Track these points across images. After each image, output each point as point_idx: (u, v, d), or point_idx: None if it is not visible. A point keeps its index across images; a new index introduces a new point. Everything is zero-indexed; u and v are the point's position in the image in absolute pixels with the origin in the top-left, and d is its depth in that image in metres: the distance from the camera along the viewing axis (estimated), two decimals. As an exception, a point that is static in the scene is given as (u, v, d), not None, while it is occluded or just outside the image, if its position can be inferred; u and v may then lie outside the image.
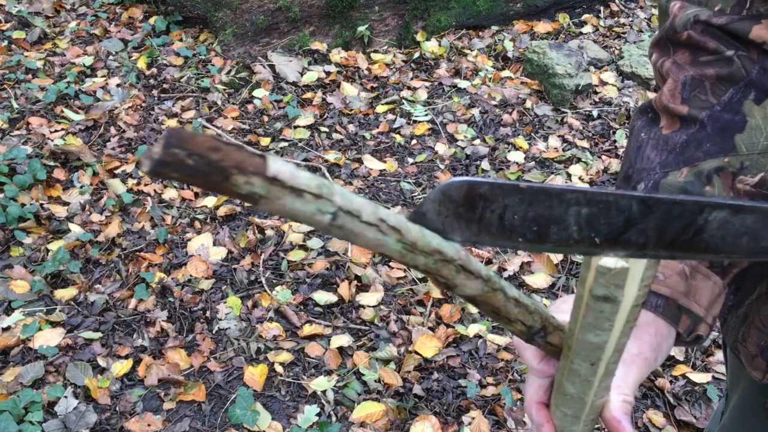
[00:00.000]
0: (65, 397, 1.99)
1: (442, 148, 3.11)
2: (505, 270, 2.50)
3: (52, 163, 2.83)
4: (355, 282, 2.42)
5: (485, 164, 3.02)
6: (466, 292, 0.55)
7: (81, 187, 2.76)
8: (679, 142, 0.71)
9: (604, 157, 3.10)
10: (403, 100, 3.41)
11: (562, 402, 0.65)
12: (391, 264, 2.52)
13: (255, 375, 2.10)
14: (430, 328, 2.27)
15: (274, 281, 2.44)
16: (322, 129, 3.19)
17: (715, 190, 0.68)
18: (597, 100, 3.46)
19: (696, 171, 0.69)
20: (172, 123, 3.14)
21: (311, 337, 2.24)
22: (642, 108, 0.77)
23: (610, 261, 0.52)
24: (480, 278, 0.55)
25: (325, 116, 3.29)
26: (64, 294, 2.33)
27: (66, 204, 2.68)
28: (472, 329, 2.26)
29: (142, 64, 3.50)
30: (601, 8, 4.16)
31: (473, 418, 2.00)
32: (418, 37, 3.82)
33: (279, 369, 2.14)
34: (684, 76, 0.73)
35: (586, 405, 0.65)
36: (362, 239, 0.47)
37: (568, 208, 0.51)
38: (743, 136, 0.69)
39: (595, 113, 3.36)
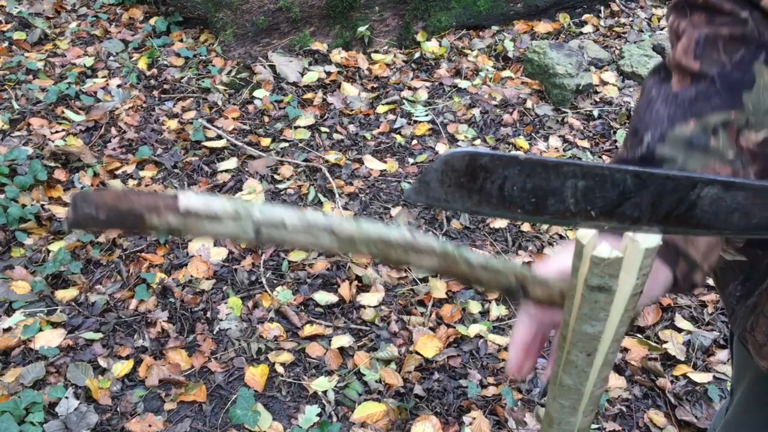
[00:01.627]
0: (66, 397, 1.99)
1: (442, 148, 3.11)
2: (505, 270, 2.50)
3: (52, 164, 2.83)
4: (356, 282, 2.42)
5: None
6: (424, 266, 0.56)
7: (82, 187, 2.76)
8: (688, 96, 0.71)
9: (605, 156, 3.09)
10: (404, 101, 3.41)
11: (559, 393, 0.65)
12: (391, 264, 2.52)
13: (256, 375, 2.10)
14: (430, 328, 2.27)
15: (275, 282, 2.44)
16: (323, 129, 3.19)
17: (720, 143, 0.69)
18: (597, 100, 3.46)
19: (702, 124, 0.69)
20: (173, 123, 3.14)
21: (312, 338, 2.24)
22: (655, 68, 0.78)
23: (604, 250, 0.53)
24: (434, 254, 0.57)
25: (325, 116, 3.29)
26: (64, 295, 2.33)
27: (67, 205, 2.68)
28: (473, 329, 2.26)
29: (142, 64, 3.50)
30: (602, 8, 4.16)
31: (474, 419, 2.00)
32: (419, 38, 3.82)
33: (280, 369, 2.14)
34: (698, 35, 0.74)
35: (583, 396, 0.65)
36: (296, 244, 0.51)
37: (565, 180, 0.52)
38: (751, 95, 0.70)
39: (595, 113, 3.36)
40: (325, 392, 2.07)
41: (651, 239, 0.53)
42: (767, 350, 0.88)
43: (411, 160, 3.05)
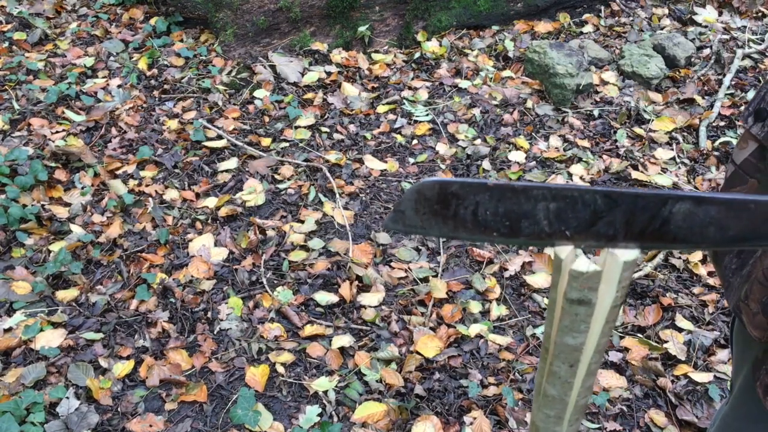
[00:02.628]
0: (67, 397, 1.99)
1: (443, 148, 3.11)
2: (506, 270, 2.50)
3: (53, 164, 2.83)
4: (357, 282, 2.42)
5: (486, 164, 3.01)
6: None
7: (82, 188, 2.77)
8: None
9: (605, 156, 3.09)
10: (404, 100, 3.41)
11: (544, 404, 0.65)
12: (392, 264, 2.52)
13: (256, 375, 2.10)
14: (431, 328, 2.27)
15: (276, 282, 2.44)
16: (323, 129, 3.19)
17: None
18: (598, 99, 3.46)
19: None
20: (173, 123, 3.14)
21: (312, 338, 2.24)
22: None
23: (582, 264, 0.53)
24: None
25: (325, 116, 3.29)
26: (65, 295, 2.33)
27: (67, 205, 2.69)
28: (474, 329, 2.26)
29: (143, 64, 3.50)
30: (602, 8, 4.16)
31: (475, 418, 2.00)
32: (419, 37, 3.82)
33: (280, 369, 2.14)
34: None
35: (567, 405, 0.65)
36: None
37: (536, 203, 0.54)
38: None
39: (596, 113, 3.36)
40: (325, 392, 2.07)
41: (629, 253, 0.53)
42: (760, 319, 0.89)
43: (411, 160, 3.05)
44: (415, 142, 3.16)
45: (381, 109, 3.35)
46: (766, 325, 0.88)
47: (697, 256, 2.57)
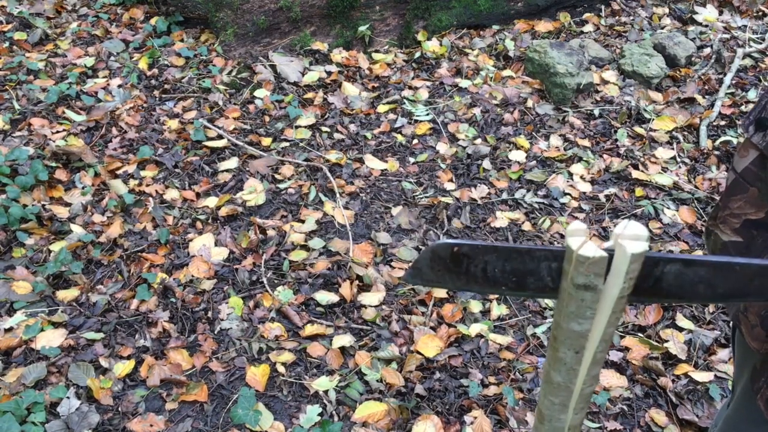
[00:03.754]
0: (68, 397, 1.99)
1: (443, 147, 3.11)
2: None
3: (53, 164, 2.83)
4: (357, 282, 2.42)
5: (486, 164, 3.01)
6: None
7: (83, 187, 2.77)
8: None
9: (605, 156, 3.09)
10: (405, 100, 3.41)
11: (549, 391, 0.67)
12: (392, 264, 2.52)
13: (257, 375, 2.10)
14: (431, 327, 2.27)
15: (276, 281, 2.44)
16: (324, 129, 3.19)
17: None
18: (598, 99, 3.45)
19: None
20: (174, 123, 3.15)
21: (313, 337, 2.24)
22: None
23: (589, 250, 0.54)
24: None
25: (326, 116, 3.29)
26: (66, 295, 2.33)
27: (68, 205, 2.69)
28: (474, 329, 2.26)
29: (143, 64, 3.50)
30: (602, 7, 4.16)
31: (475, 418, 2.00)
32: (419, 37, 3.82)
33: (281, 369, 2.14)
34: None
35: (572, 393, 0.66)
36: None
37: (540, 263, 0.60)
38: None
39: (596, 112, 3.36)
40: (326, 392, 2.07)
41: (637, 245, 0.55)
42: (758, 331, 0.90)
43: (412, 160, 3.05)
44: (415, 141, 3.16)
45: (381, 108, 3.35)
46: (764, 338, 0.89)
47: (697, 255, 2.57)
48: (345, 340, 2.22)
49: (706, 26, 4.01)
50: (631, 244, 0.55)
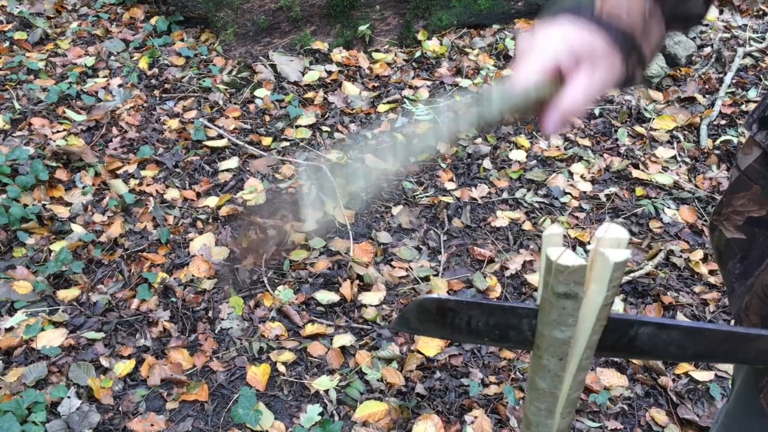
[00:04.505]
0: (68, 397, 2.00)
1: (443, 147, 3.11)
2: (507, 269, 2.50)
3: (54, 164, 2.83)
4: (357, 281, 2.42)
5: (487, 163, 3.01)
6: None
7: (83, 187, 2.77)
8: None
9: (605, 155, 3.09)
10: (405, 100, 3.41)
11: (535, 397, 0.67)
12: (393, 263, 2.52)
13: (257, 375, 2.10)
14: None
15: (276, 281, 2.44)
16: (324, 128, 3.19)
17: None
18: (598, 98, 3.45)
19: None
20: (174, 123, 3.15)
21: (313, 337, 2.24)
22: None
23: (568, 259, 0.55)
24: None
25: (326, 116, 3.29)
26: (66, 294, 2.33)
27: (68, 204, 2.69)
28: (475, 328, 2.26)
29: (143, 64, 3.50)
30: (603, 6, 4.16)
31: (476, 417, 2.00)
32: (420, 36, 3.82)
33: (281, 368, 2.14)
34: None
35: (558, 399, 0.66)
36: None
37: (521, 319, 0.62)
38: None
39: (596, 111, 3.36)
40: (326, 391, 2.07)
41: (620, 254, 0.55)
42: None
43: (412, 159, 3.04)
44: (416, 141, 3.16)
45: (381, 108, 3.35)
46: None
47: (698, 255, 2.57)
48: (345, 339, 2.22)
49: (707, 25, 4.01)
50: (614, 252, 0.55)
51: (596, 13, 0.70)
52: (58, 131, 3.04)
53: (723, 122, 3.30)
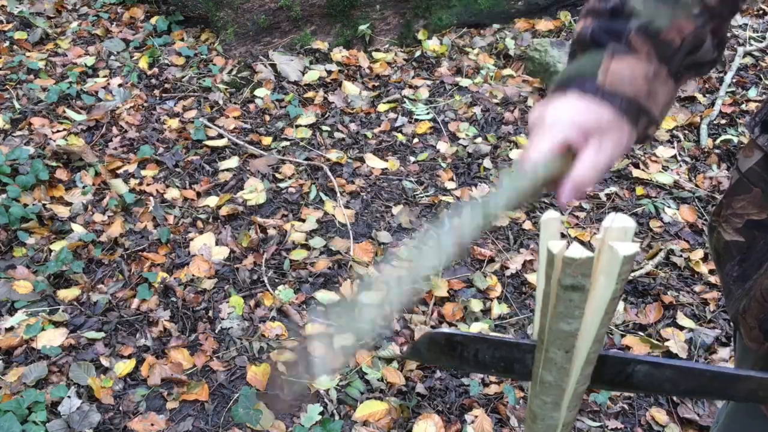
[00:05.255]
0: (68, 397, 2.00)
1: (443, 146, 3.11)
2: (507, 268, 2.50)
3: (54, 164, 2.83)
4: (358, 281, 2.42)
5: (487, 162, 3.01)
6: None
7: (83, 187, 2.77)
8: None
9: (606, 154, 3.09)
10: (405, 99, 3.41)
11: (541, 390, 0.67)
12: (393, 263, 2.52)
13: (258, 374, 2.10)
14: (432, 326, 2.27)
15: (277, 280, 2.44)
16: (324, 128, 3.18)
17: None
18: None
19: None
20: (174, 123, 3.15)
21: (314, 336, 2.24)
22: None
23: (575, 251, 0.55)
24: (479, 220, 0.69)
25: (326, 115, 3.29)
26: (67, 294, 2.33)
27: (68, 204, 2.69)
28: (475, 327, 2.26)
29: (143, 64, 3.50)
30: (603, 6, 4.15)
31: (476, 417, 2.00)
32: (420, 36, 3.82)
33: (282, 368, 2.14)
34: None
35: (564, 391, 0.67)
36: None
37: (525, 354, 0.66)
38: None
39: (597, 111, 3.35)
40: (327, 391, 2.07)
41: (629, 247, 0.55)
42: (756, 333, 0.89)
43: (412, 159, 3.05)
44: (416, 140, 3.16)
45: (382, 107, 3.35)
46: (761, 340, 0.90)
47: (698, 254, 2.57)
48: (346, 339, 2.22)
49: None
50: (623, 246, 0.56)
51: (599, 84, 0.72)
52: (58, 131, 3.04)
53: (723, 121, 3.29)
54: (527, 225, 2.71)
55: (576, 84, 0.74)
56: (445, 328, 0.72)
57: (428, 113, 3.33)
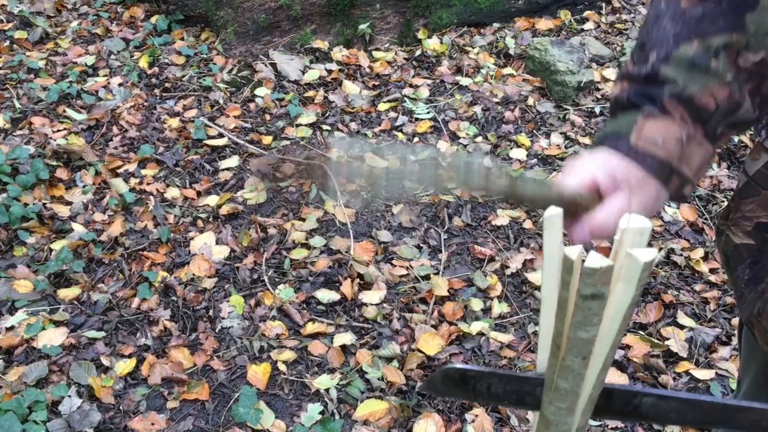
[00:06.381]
0: (69, 396, 2.00)
1: (444, 145, 3.11)
2: (508, 267, 2.50)
3: (54, 163, 2.83)
4: (358, 280, 2.42)
5: (487, 161, 3.01)
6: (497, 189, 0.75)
7: (83, 186, 2.77)
8: (695, 15, 0.74)
9: (606, 153, 3.09)
10: (405, 98, 3.41)
11: (555, 397, 0.67)
12: (393, 262, 2.52)
13: (258, 373, 2.10)
14: (432, 325, 2.27)
15: (277, 280, 2.44)
16: (324, 127, 3.18)
17: (720, 65, 0.72)
18: (599, 96, 3.45)
19: (705, 45, 0.73)
20: (174, 122, 3.15)
21: (314, 336, 2.24)
22: None
23: (594, 261, 0.54)
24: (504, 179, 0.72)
25: (327, 114, 3.29)
26: (67, 293, 2.33)
27: (69, 203, 2.69)
28: (475, 327, 2.26)
29: (143, 63, 3.50)
30: (603, 4, 4.15)
31: (476, 416, 2.00)
32: (420, 35, 3.82)
33: (282, 367, 2.14)
34: None
35: (579, 397, 0.66)
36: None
37: (536, 387, 0.69)
38: (754, 16, 0.72)
39: (597, 110, 3.35)
40: (327, 390, 2.07)
41: (648, 253, 0.55)
42: None
43: (413, 158, 3.04)
44: (416, 140, 3.16)
45: (382, 106, 3.35)
46: None
47: (698, 253, 2.57)
48: (346, 338, 2.22)
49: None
50: (642, 252, 0.55)
51: (632, 144, 0.74)
52: (58, 130, 3.04)
53: (724, 120, 3.29)
54: (527, 224, 2.70)
55: (610, 141, 0.76)
56: (458, 364, 0.76)
57: (428, 112, 3.32)
